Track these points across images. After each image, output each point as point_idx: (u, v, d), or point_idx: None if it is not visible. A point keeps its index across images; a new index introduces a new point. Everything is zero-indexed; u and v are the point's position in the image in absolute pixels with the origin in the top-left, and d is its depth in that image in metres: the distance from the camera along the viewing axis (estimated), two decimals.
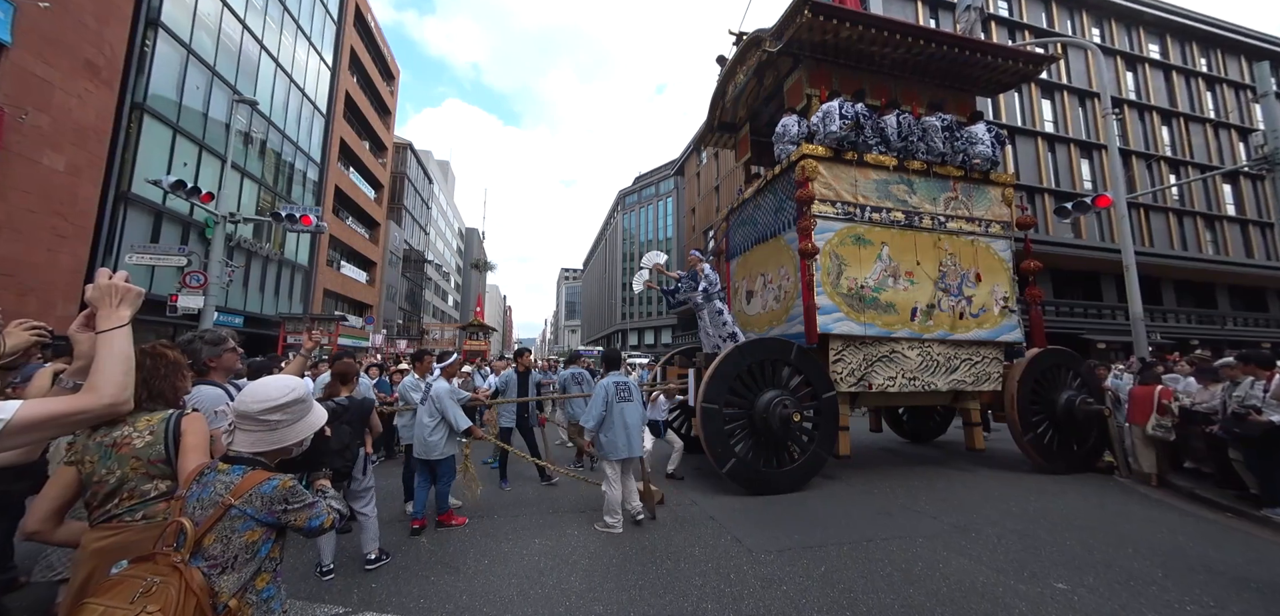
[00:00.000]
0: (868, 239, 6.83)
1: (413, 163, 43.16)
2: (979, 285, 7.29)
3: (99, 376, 1.21)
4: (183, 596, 1.22)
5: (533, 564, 3.95)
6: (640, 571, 3.79)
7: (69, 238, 13.54)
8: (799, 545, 4.31)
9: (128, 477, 1.70)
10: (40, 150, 12.78)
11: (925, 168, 7.21)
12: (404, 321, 39.51)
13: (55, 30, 13.02)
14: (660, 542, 4.38)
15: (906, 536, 4.53)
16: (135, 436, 1.73)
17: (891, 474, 6.98)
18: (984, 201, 7.54)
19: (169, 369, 1.88)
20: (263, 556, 1.43)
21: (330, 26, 26.68)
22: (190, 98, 17.26)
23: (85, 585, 1.60)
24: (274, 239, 21.64)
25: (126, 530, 1.68)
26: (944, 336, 7.02)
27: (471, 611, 3.23)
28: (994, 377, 7.27)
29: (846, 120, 6.62)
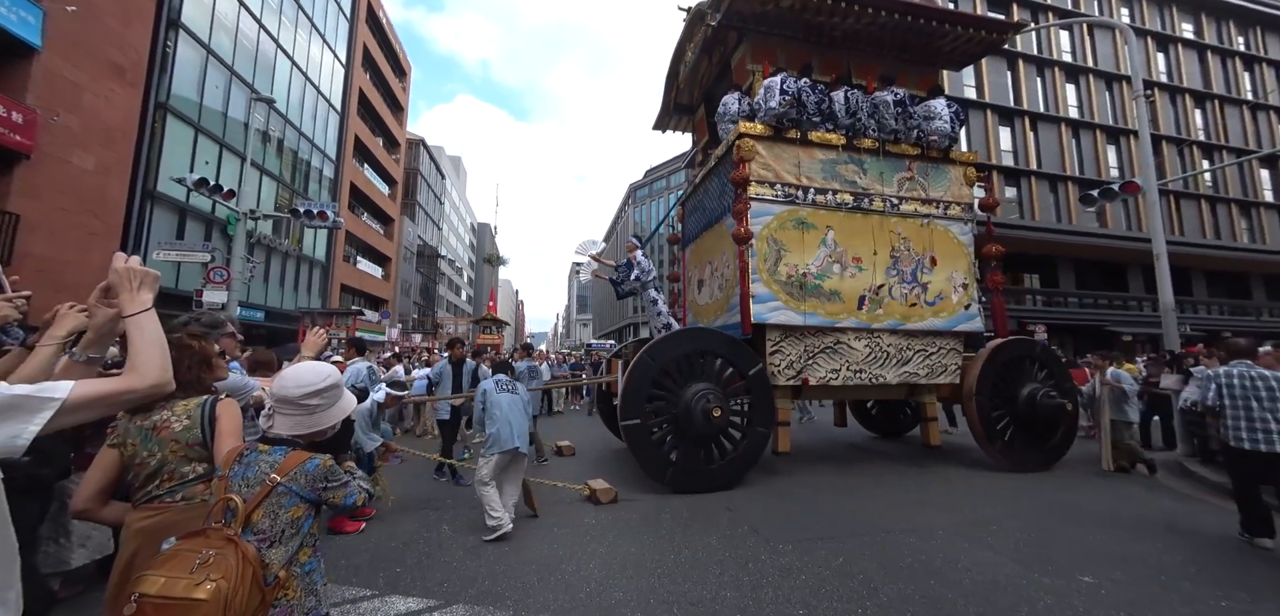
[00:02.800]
0: (811, 223, 6.47)
1: (425, 158, 43.66)
2: (935, 271, 6.86)
3: (139, 358, 1.26)
4: (241, 565, 1.31)
5: (551, 552, 3.99)
6: (657, 560, 3.81)
7: (100, 235, 13.88)
8: (815, 536, 4.26)
9: (167, 460, 1.79)
10: (71, 151, 13.13)
11: (877, 146, 6.80)
12: (419, 315, 40.20)
13: (82, 34, 13.32)
14: (677, 532, 4.37)
15: (923, 529, 4.43)
16: (174, 420, 1.82)
17: (900, 469, 6.75)
18: (942, 182, 7.08)
19: (194, 359, 1.96)
20: (305, 531, 1.52)
21: (343, 23, 26.97)
22: (210, 97, 17.64)
23: (132, 561, 1.70)
24: (293, 235, 22.13)
25: (168, 510, 1.77)
26: (895, 326, 6.63)
27: (493, 596, 3.30)
28: (951, 370, 6.85)
29: (787, 96, 6.26)
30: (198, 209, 17.13)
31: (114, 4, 14.36)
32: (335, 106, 25.95)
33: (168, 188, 15.77)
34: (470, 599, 3.26)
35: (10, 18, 11.72)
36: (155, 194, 15.65)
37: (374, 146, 31.42)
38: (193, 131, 16.98)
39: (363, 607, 3.18)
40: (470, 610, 3.14)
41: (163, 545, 1.40)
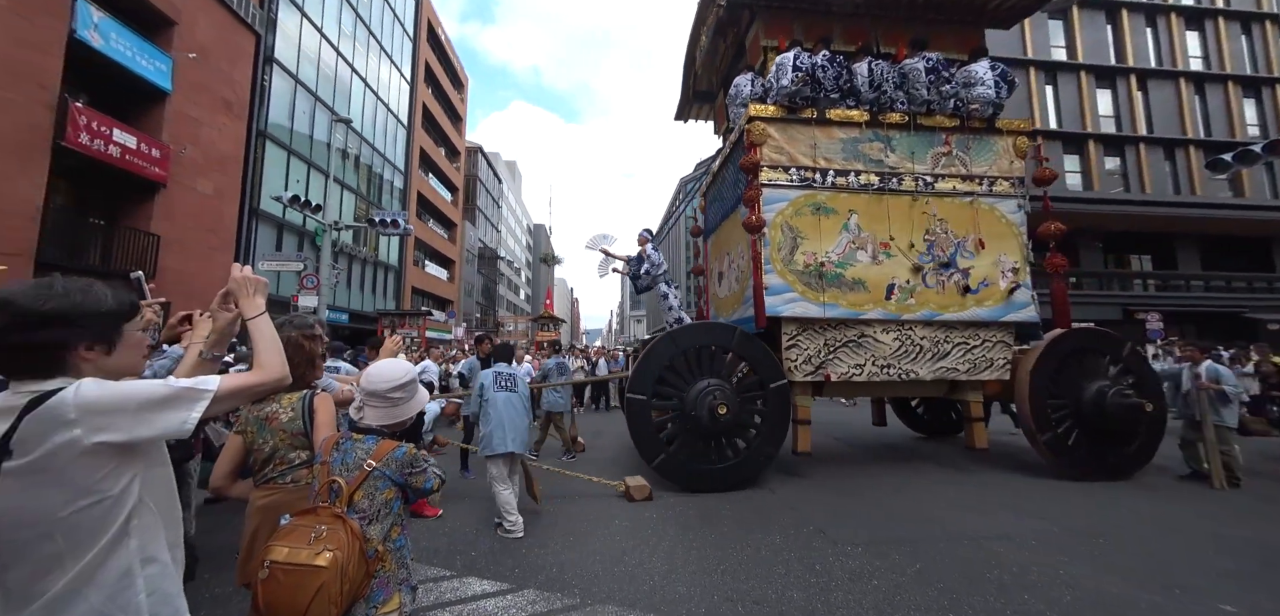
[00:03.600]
0: (830, 207, 6.05)
1: (483, 165, 45.84)
2: (980, 255, 6.17)
3: (263, 356, 1.44)
4: (350, 539, 1.49)
5: (615, 544, 4.07)
6: (719, 556, 3.81)
7: (218, 250, 15.96)
8: (887, 539, 4.10)
9: (278, 447, 2.05)
10: (195, 178, 15.24)
11: (907, 120, 6.22)
12: (481, 315, 42.43)
13: (200, 76, 15.37)
14: (738, 530, 4.34)
15: (1013, 537, 4.13)
16: (281, 412, 2.07)
17: (971, 472, 6.29)
18: (987, 155, 6.34)
19: (302, 358, 2.18)
20: (396, 511, 1.69)
21: (407, 43, 29.01)
22: (299, 122, 19.78)
23: (256, 534, 1.98)
24: (369, 243, 24.25)
25: (280, 491, 2.02)
26: (930, 317, 6.05)
27: (561, 584, 3.42)
28: (999, 365, 6.14)
29: (800, 73, 5.88)
30: (292, 223, 19.13)
31: (223, 48, 16.39)
32: (402, 121, 27.93)
33: (268, 206, 17.79)
34: (539, 585, 3.40)
35: (149, 68, 13.71)
36: (258, 211, 17.67)
37: (437, 156, 33.46)
38: (286, 154, 19.02)
39: (443, 587, 3.41)
40: (540, 595, 3.28)
41: (281, 520, 1.60)
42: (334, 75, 21.80)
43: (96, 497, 1.11)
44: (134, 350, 1.30)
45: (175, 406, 1.17)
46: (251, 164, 17.49)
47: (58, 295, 1.16)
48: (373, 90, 24.84)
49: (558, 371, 7.21)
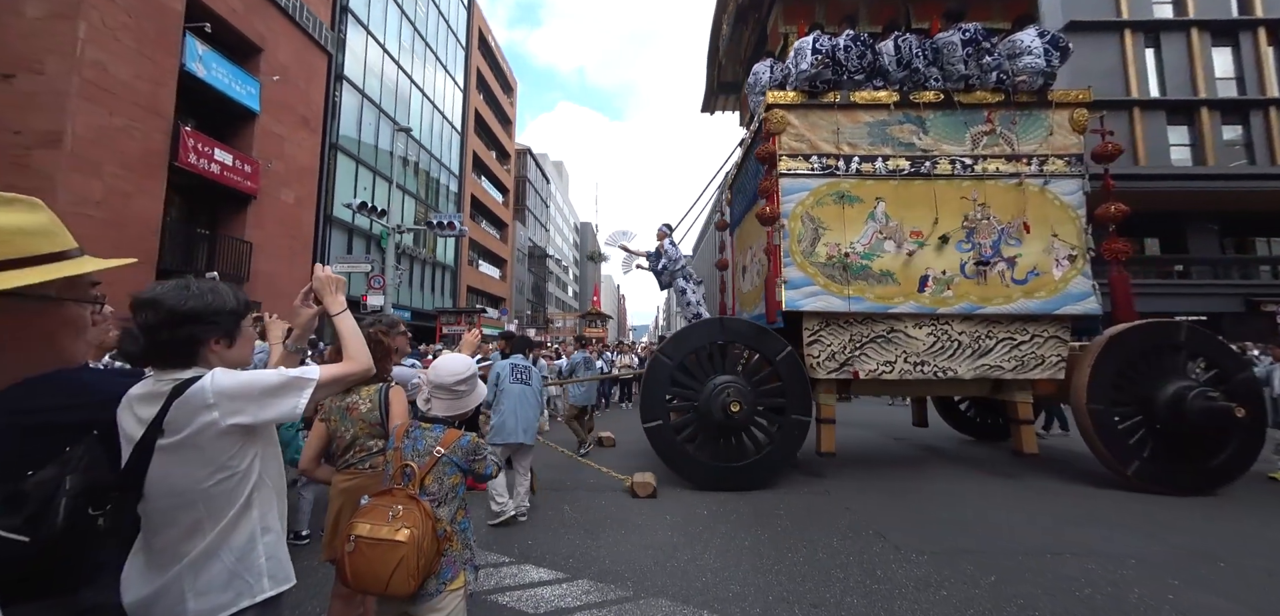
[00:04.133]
0: (855, 195, 5.74)
1: (532, 166, 47.26)
2: (1026, 242, 5.63)
3: (351, 348, 1.60)
4: (424, 518, 1.65)
5: (665, 539, 4.07)
6: (775, 557, 3.75)
7: (299, 254, 17.69)
8: (957, 549, 3.85)
9: (358, 435, 2.23)
10: (279, 189, 16.93)
11: (942, 98, 5.76)
12: (531, 312, 43.94)
13: (282, 96, 17.02)
14: (793, 530, 4.24)
15: (1109, 556, 3.73)
16: (360, 403, 2.25)
17: (1036, 479, 5.79)
18: (1036, 131, 5.74)
19: (380, 353, 2.35)
20: (460, 495, 1.85)
21: (460, 51, 30.52)
22: (365, 133, 21.46)
23: (340, 513, 2.20)
24: (428, 245, 25.88)
25: (360, 476, 2.23)
26: (969, 310, 5.60)
27: (614, 575, 3.48)
28: (1051, 362, 5.58)
29: (819, 55, 5.62)
30: (360, 227, 20.70)
31: (301, 69, 18.07)
32: (456, 127, 29.41)
33: (340, 212, 19.35)
34: (593, 575, 3.46)
35: (241, 92, 15.38)
36: (331, 217, 19.29)
37: (489, 159, 34.95)
38: (354, 164, 20.65)
39: (502, 572, 3.56)
40: (593, 585, 3.34)
41: (361, 501, 1.76)
42: (395, 87, 23.35)
43: (229, 472, 1.28)
44: (247, 344, 1.46)
45: (288, 393, 1.33)
46: (325, 174, 19.11)
47: (195, 295, 1.32)
48: (429, 99, 26.37)
49: (584, 366, 7.37)
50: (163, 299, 1.26)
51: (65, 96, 10.88)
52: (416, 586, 1.61)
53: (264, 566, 1.32)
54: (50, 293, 0.77)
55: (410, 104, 24.52)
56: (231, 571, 1.27)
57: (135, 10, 12.21)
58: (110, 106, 11.66)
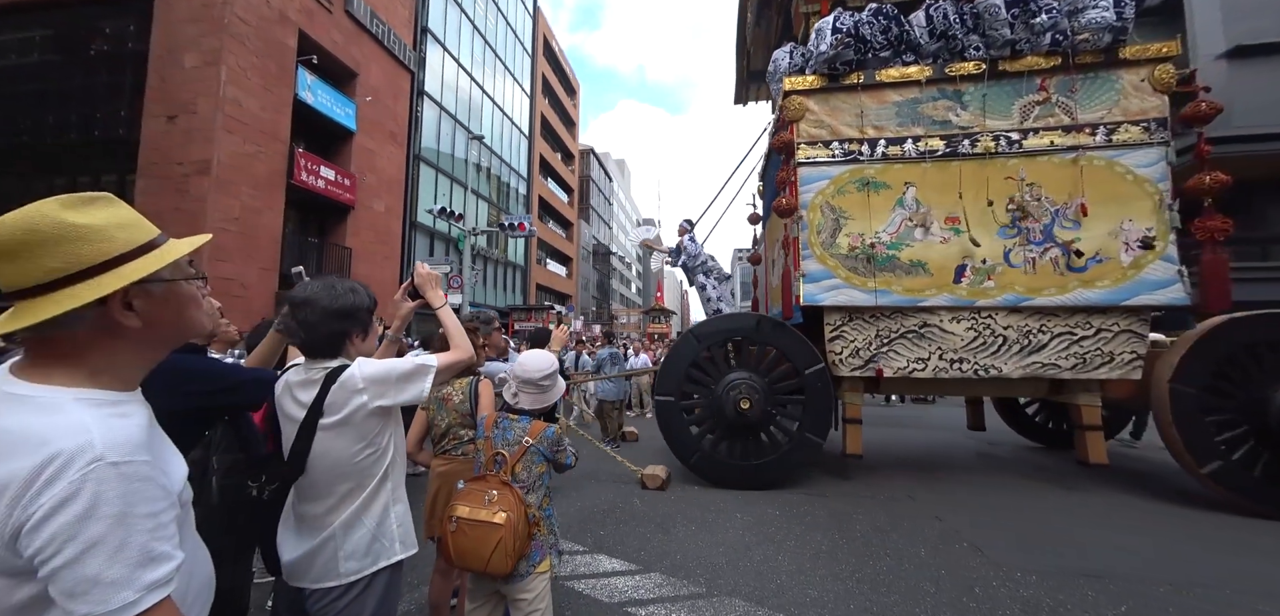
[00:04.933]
0: (881, 181, 5.39)
1: (595, 165, 48.30)
2: (1088, 223, 4.96)
3: (456, 339, 1.74)
4: (517, 503, 1.76)
5: (737, 537, 4.00)
6: (855, 563, 3.55)
7: (389, 258, 19.79)
8: (1073, 570, 3.44)
9: (452, 425, 2.36)
10: (372, 199, 19.01)
11: (985, 68, 5.21)
12: (596, 308, 45.13)
13: (374, 114, 19.08)
14: (873, 535, 4.03)
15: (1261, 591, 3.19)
16: (454, 394, 2.39)
17: (1136, 493, 5.14)
18: (1103, 96, 5.00)
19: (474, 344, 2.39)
20: (545, 483, 1.94)
21: (526, 59, 32.06)
22: (444, 143, 23.33)
23: (436, 496, 2.37)
24: (500, 245, 27.65)
25: (455, 462, 2.38)
26: (1015, 302, 5.07)
27: (686, 570, 3.46)
28: (1122, 360, 4.90)
29: (840, 34, 5.33)
30: (439, 231, 22.57)
31: (389, 88, 20.05)
32: (524, 132, 30.94)
33: (422, 218, 21.27)
34: (665, 569, 3.47)
35: (341, 114, 17.46)
36: (415, 223, 21.23)
37: (554, 161, 36.37)
38: (434, 172, 22.52)
39: (577, 560, 3.64)
40: (666, 580, 3.34)
41: (458, 485, 1.89)
42: (469, 99, 25.07)
43: (374, 449, 1.45)
44: (373, 337, 1.63)
45: (417, 378, 1.48)
46: (409, 183, 21.05)
47: (341, 295, 1.49)
48: (499, 107, 27.98)
49: (611, 362, 7.63)
50: (317, 299, 1.44)
51: (212, 130, 13.02)
52: (512, 566, 1.72)
53: (396, 532, 1.49)
54: (165, 276, 0.85)
55: (482, 113, 26.23)
56: (372, 535, 1.43)
57: (261, 51, 14.27)
58: (244, 136, 13.79)
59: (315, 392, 1.39)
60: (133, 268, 0.78)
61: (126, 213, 0.83)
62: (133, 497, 0.73)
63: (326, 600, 1.39)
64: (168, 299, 0.86)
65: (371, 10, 18.71)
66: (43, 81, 14.19)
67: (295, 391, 1.44)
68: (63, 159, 13.77)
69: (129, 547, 0.71)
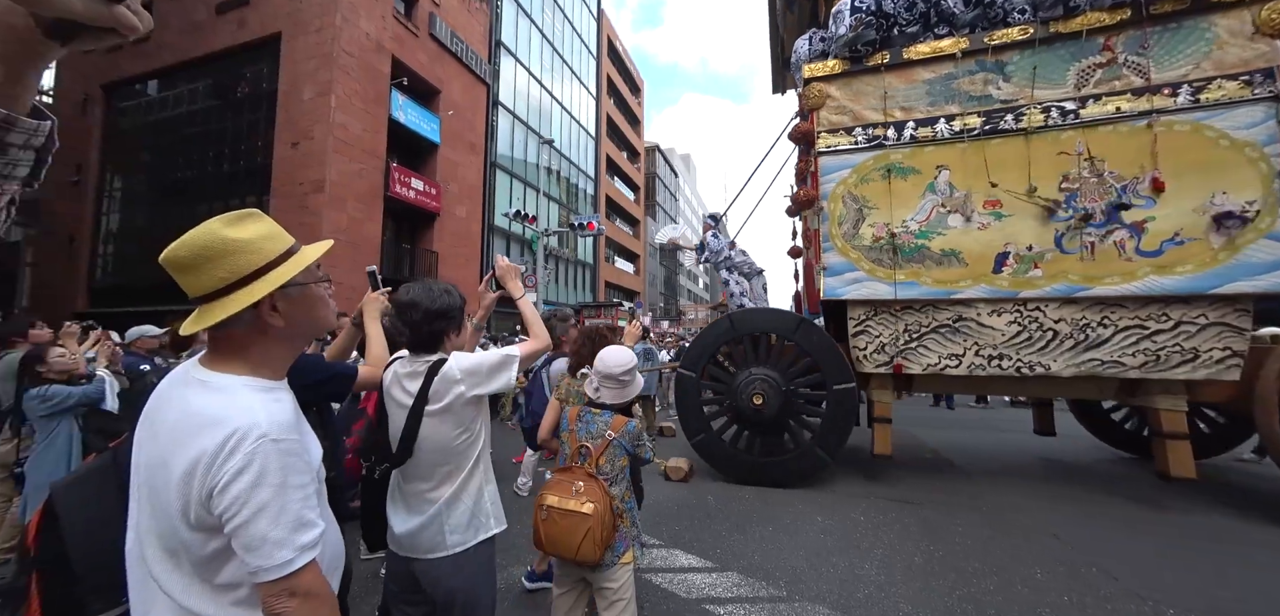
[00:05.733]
0: (908, 167, 5.03)
1: (661, 162, 47.95)
2: (1163, 199, 4.26)
3: (536, 328, 1.84)
4: (603, 494, 1.80)
5: (818, 541, 3.81)
6: (954, 578, 3.24)
7: (470, 260, 21.55)
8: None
9: None
10: (455, 206, 20.79)
11: (1033, 33, 4.64)
12: (664, 305, 45.08)
13: (455, 127, 20.83)
14: (973, 547, 3.69)
15: None
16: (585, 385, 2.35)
17: None
18: (1189, 47, 4.23)
19: (599, 341, 2.52)
20: (627, 476, 1.97)
21: (591, 62, 32.80)
22: (516, 149, 24.83)
23: None
24: (570, 245, 28.86)
25: None
26: (1069, 292, 4.51)
27: (764, 572, 3.34)
28: (1210, 358, 4.19)
29: (858, 15, 5.03)
30: (514, 233, 24.03)
31: (468, 102, 21.74)
32: (590, 133, 31.77)
33: (499, 221, 22.82)
34: (742, 569, 3.38)
35: (427, 129, 19.28)
36: (493, 227, 22.82)
37: (620, 160, 36.89)
38: (509, 178, 24.03)
39: (653, 554, 3.61)
40: (743, 580, 3.25)
41: (545, 476, 2.28)
42: (539, 105, 26.35)
43: (469, 433, 1.59)
44: (463, 333, 1.75)
45: (505, 368, 1.62)
46: (486, 189, 22.66)
47: (440, 296, 1.62)
48: (567, 111, 29.02)
49: (644, 357, 7.80)
50: (420, 301, 1.60)
51: (325, 153, 15.11)
52: (600, 556, 1.77)
53: (490, 509, 1.65)
54: (302, 279, 0.97)
55: (552, 118, 27.43)
56: (471, 512, 1.59)
57: (362, 79, 16.24)
58: (349, 156, 15.82)
59: (420, 384, 1.55)
60: (277, 274, 0.92)
61: (269, 225, 0.97)
62: (288, 469, 0.86)
63: (436, 570, 1.54)
64: (303, 300, 0.98)
65: (452, 30, 20.31)
66: (204, 124, 17.27)
67: (403, 382, 1.60)
68: (216, 186, 16.70)
69: (287, 513, 0.84)
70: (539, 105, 26.52)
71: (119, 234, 18.13)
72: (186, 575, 0.87)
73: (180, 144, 17.40)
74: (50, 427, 3.13)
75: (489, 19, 23.06)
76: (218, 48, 16.82)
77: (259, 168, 15.96)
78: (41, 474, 3.10)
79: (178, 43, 16.97)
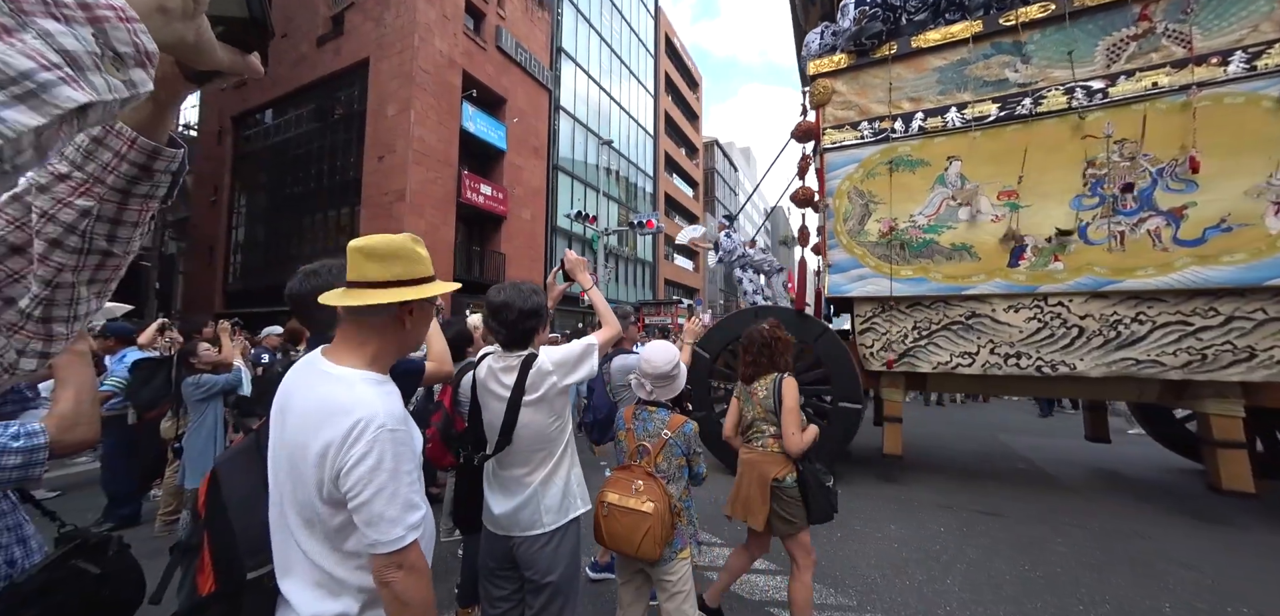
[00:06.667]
0: (917, 159, 4.84)
1: (719, 157, 46.55)
2: (1208, 183, 3.81)
3: (607, 316, 1.93)
4: (662, 493, 1.86)
5: (892, 552, 3.58)
6: (1057, 605, 2.91)
7: (535, 261, 22.41)
8: None
9: (756, 418, 2.39)
10: (521, 209, 21.94)
11: (1052, 9, 4.29)
12: (724, 302, 44.07)
13: (520, 133, 21.92)
14: (1083, 575, 3.26)
15: None
16: (760, 389, 2.39)
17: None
18: (1243, 8, 3.72)
19: (779, 346, 2.46)
20: (684, 475, 2.00)
21: (649, 59, 32.73)
22: (577, 152, 25.60)
23: (741, 479, 2.44)
24: (629, 243, 29.15)
25: (755, 452, 2.42)
26: (1095, 285, 4.17)
27: (833, 580, 3.19)
28: (1271, 358, 3.72)
29: (863, 8, 4.90)
30: (576, 233, 24.71)
31: (531, 108, 22.82)
32: (649, 131, 31.78)
33: (562, 222, 23.63)
34: None
35: (494, 136, 20.55)
36: (556, 228, 23.68)
37: (678, 156, 36.42)
38: (571, 179, 24.86)
39: (713, 552, 3.59)
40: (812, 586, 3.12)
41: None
42: (598, 107, 26.94)
43: (560, 420, 1.71)
44: (546, 330, 1.82)
45: (587, 359, 1.73)
46: (549, 192, 23.65)
47: (530, 296, 1.71)
48: (625, 111, 29.31)
49: None
50: (514, 302, 1.68)
51: (405, 164, 16.72)
52: (660, 552, 1.81)
53: (577, 491, 1.75)
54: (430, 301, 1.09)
55: (611, 118, 27.89)
56: (562, 492, 1.69)
57: (437, 94, 17.71)
58: (427, 166, 17.36)
59: (515, 377, 1.65)
60: (428, 288, 1.08)
61: (425, 252, 1.12)
62: (401, 457, 0.96)
63: (534, 547, 1.65)
64: (423, 316, 1.13)
65: (516, 41, 21.45)
66: (308, 145, 19.73)
67: (499, 376, 1.70)
68: (317, 200, 19.03)
69: (400, 495, 0.94)
70: (598, 107, 27.14)
71: (245, 245, 21.25)
72: (320, 541, 1.00)
73: (290, 164, 20.04)
74: (201, 410, 3.60)
75: (550, 27, 24.03)
76: (318, 76, 19.11)
77: (351, 181, 17.95)
78: (195, 448, 3.55)
79: (288, 75, 19.50)
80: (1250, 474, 3.93)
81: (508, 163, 21.08)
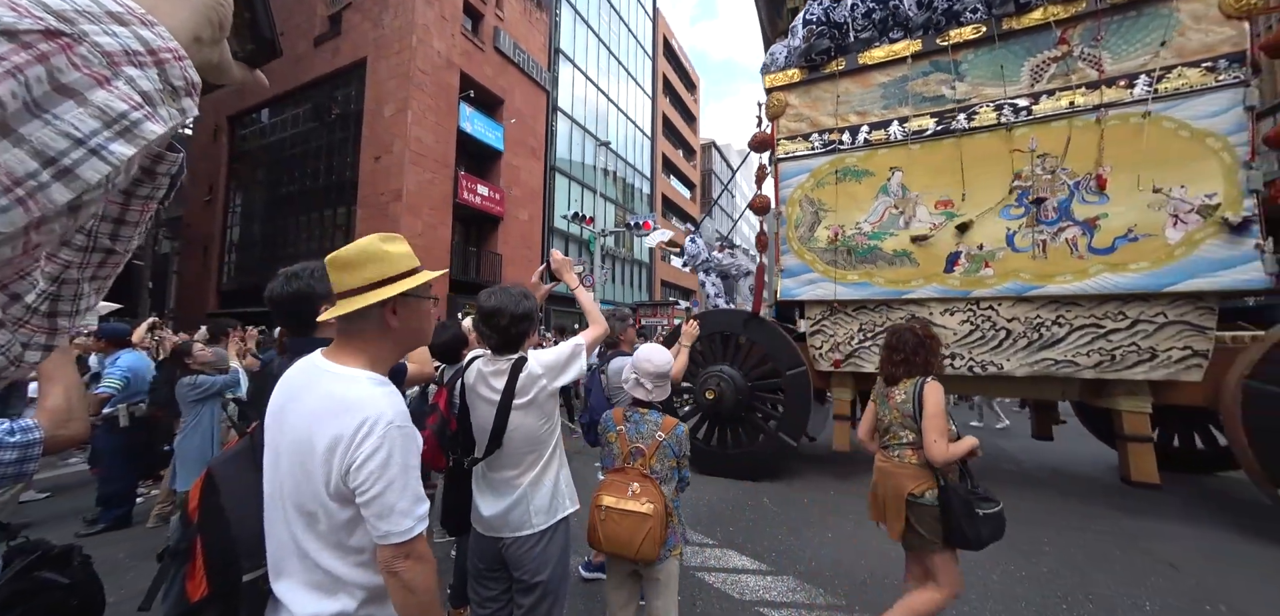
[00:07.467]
0: (862, 170, 5.15)
1: (716, 158, 46.68)
2: (1117, 195, 4.12)
3: (594, 315, 1.97)
4: (659, 494, 1.88)
5: (882, 550, 3.48)
6: (1040, 604, 2.91)
7: (532, 262, 22.17)
8: None
9: (892, 423, 2.27)
10: (518, 210, 22.07)
11: (983, 31, 4.59)
12: None
13: (517, 134, 22.01)
14: (1071, 575, 3.28)
15: None
16: (898, 394, 2.26)
17: None
18: (1149, 35, 4.03)
19: (933, 346, 2.29)
20: (675, 478, 2.03)
21: (647, 61, 32.96)
22: (575, 152, 25.74)
23: (875, 486, 2.34)
24: (626, 244, 29.24)
25: (888, 461, 2.27)
26: (1020, 291, 4.48)
27: (822, 579, 3.19)
28: (1169, 358, 4.02)
29: (810, 26, 5.21)
30: (572, 234, 24.80)
31: (529, 109, 22.96)
32: (646, 133, 31.96)
33: (559, 223, 23.70)
34: (798, 574, 3.26)
35: (492, 137, 20.68)
36: (553, 228, 23.75)
37: (675, 158, 36.57)
38: (568, 181, 25.00)
39: (707, 553, 3.56)
40: (800, 585, 3.14)
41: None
42: (596, 108, 27.13)
43: (550, 422, 1.75)
44: (535, 333, 1.84)
45: (576, 361, 1.76)
46: (547, 192, 23.80)
47: (521, 301, 1.75)
48: (623, 112, 29.48)
49: None
50: (505, 307, 1.70)
51: (403, 164, 16.88)
52: (658, 553, 1.83)
53: (565, 491, 1.78)
54: (421, 292, 1.12)
55: (608, 120, 28.08)
56: (551, 494, 1.72)
57: (434, 94, 17.84)
58: (423, 166, 17.52)
59: (505, 380, 1.66)
60: (404, 283, 1.08)
61: (405, 247, 1.12)
62: (408, 452, 0.99)
63: (523, 547, 1.67)
64: (414, 310, 1.14)
65: (514, 42, 21.61)
66: (304, 144, 19.98)
67: (489, 380, 1.71)
68: (313, 199, 19.29)
69: (408, 489, 0.98)
70: (596, 108, 27.30)
71: (240, 244, 21.46)
72: (322, 537, 1.00)
73: (286, 163, 20.30)
74: (196, 411, 3.52)
75: (548, 28, 24.22)
76: (315, 76, 19.28)
77: (348, 181, 18.16)
78: (189, 450, 3.46)
79: (285, 74, 19.58)
80: (1156, 467, 4.24)
81: (505, 163, 21.25)
